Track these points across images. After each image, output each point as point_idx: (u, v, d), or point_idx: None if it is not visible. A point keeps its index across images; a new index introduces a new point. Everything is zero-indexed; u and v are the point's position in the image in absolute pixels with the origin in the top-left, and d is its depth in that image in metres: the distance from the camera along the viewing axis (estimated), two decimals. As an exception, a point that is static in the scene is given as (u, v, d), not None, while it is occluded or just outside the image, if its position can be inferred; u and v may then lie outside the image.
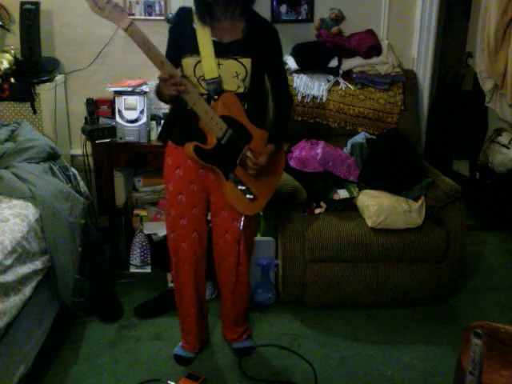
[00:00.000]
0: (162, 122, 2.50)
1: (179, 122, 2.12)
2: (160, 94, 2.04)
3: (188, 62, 2.02)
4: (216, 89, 2.00)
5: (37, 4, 2.98)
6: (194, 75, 2.02)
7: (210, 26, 2.01)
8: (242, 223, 2.20)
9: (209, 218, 2.32)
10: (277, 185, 2.30)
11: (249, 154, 2.10)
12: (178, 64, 2.02)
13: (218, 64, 1.99)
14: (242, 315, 2.47)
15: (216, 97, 2.00)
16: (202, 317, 2.42)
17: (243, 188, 2.14)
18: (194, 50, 2.00)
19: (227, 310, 2.45)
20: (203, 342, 2.48)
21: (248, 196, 2.16)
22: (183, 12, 2.09)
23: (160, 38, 2.14)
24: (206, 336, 2.51)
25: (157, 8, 3.20)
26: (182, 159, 2.14)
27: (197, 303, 2.36)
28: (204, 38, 2.00)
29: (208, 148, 2.04)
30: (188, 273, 2.29)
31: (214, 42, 2.00)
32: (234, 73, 2.01)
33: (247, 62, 2.01)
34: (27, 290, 2.09)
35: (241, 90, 2.04)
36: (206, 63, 1.99)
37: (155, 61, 1.88)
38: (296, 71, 3.18)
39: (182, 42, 2.05)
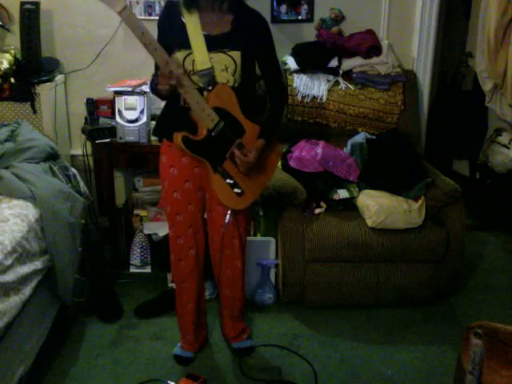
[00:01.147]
0: (157, 117, 2.50)
1: (171, 116, 2.11)
2: (156, 89, 2.02)
3: (176, 56, 2.01)
4: (209, 80, 1.99)
5: (37, 4, 2.97)
6: (184, 70, 2.01)
7: (199, 19, 2.00)
8: (228, 216, 2.20)
9: (205, 216, 2.32)
10: (268, 181, 2.29)
11: (237, 152, 2.09)
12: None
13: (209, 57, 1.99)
14: (239, 311, 2.46)
15: (210, 88, 2.00)
16: (199, 314, 2.42)
17: (231, 182, 2.13)
18: (183, 45, 1.99)
19: (225, 306, 2.44)
20: (202, 341, 2.48)
21: (235, 190, 2.15)
22: (171, 5, 2.08)
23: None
24: (204, 335, 2.51)
25: (157, 8, 3.20)
26: (176, 158, 2.14)
27: (194, 299, 2.36)
28: (194, 30, 1.99)
29: (197, 139, 2.04)
30: (185, 268, 2.30)
31: (204, 35, 1.99)
32: (224, 66, 2.01)
33: (236, 54, 2.01)
34: (27, 290, 2.09)
35: (230, 84, 2.04)
36: (198, 55, 1.98)
37: (148, 47, 1.87)
38: (296, 71, 3.18)
39: (170, 37, 2.03)
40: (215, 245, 2.32)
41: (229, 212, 2.20)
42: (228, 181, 2.13)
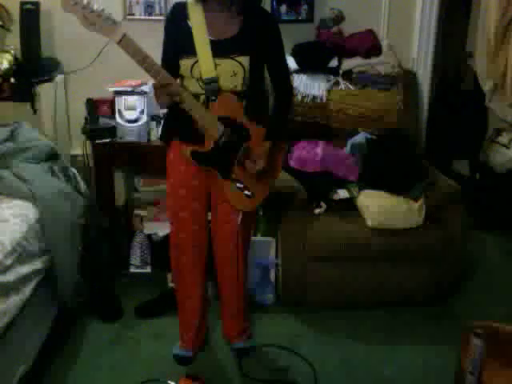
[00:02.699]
0: (162, 121, 2.53)
1: (180, 119, 2.11)
2: (158, 102, 2.03)
3: (185, 63, 2.01)
4: (214, 89, 1.99)
5: (37, 4, 2.97)
6: (192, 76, 2.02)
7: (206, 23, 1.99)
8: (239, 218, 2.21)
9: (209, 218, 2.33)
10: (275, 180, 2.30)
11: (247, 163, 2.10)
12: (176, 62, 2.02)
13: (215, 64, 1.98)
14: (240, 310, 2.46)
15: (214, 98, 2.00)
16: (201, 310, 2.41)
17: (241, 186, 2.15)
18: (190, 51, 1.98)
19: (226, 304, 2.44)
20: (202, 340, 2.48)
21: (246, 193, 2.16)
22: (178, 8, 2.06)
23: (160, 38, 2.14)
24: (203, 335, 2.50)
25: (157, 8, 3.20)
26: (184, 156, 2.14)
27: (196, 294, 2.36)
28: (200, 36, 1.98)
29: (205, 150, 2.05)
30: (187, 264, 2.30)
31: (210, 40, 1.98)
32: (232, 72, 2.00)
33: (245, 60, 2.00)
34: (27, 290, 2.08)
35: (239, 89, 2.03)
36: (203, 63, 1.98)
37: (150, 72, 1.88)
38: (296, 71, 3.18)
39: (176, 42, 2.03)
40: (218, 239, 2.32)
41: (240, 214, 2.20)
42: (238, 185, 2.14)
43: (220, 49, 1.99)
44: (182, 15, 2.03)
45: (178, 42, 2.04)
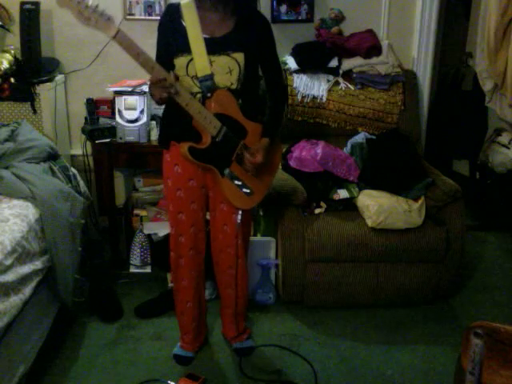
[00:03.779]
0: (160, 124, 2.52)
1: (176, 119, 2.11)
2: (153, 98, 2.03)
3: (180, 61, 2.01)
4: (209, 86, 1.99)
5: (37, 4, 2.98)
6: (187, 74, 2.01)
7: (200, 22, 1.99)
8: (239, 217, 2.21)
9: (207, 217, 2.33)
10: (273, 178, 2.31)
11: (246, 153, 2.10)
12: (170, 63, 2.02)
13: (210, 61, 1.99)
14: (241, 310, 2.46)
15: (209, 94, 2.00)
16: (200, 314, 2.42)
17: (239, 183, 2.15)
18: (185, 49, 1.99)
19: (227, 305, 2.44)
20: (201, 340, 2.48)
21: (244, 190, 2.16)
22: (171, 9, 2.07)
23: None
24: (204, 335, 2.50)
25: (157, 8, 3.20)
26: (180, 156, 2.13)
27: (194, 298, 2.36)
28: (194, 35, 1.98)
29: (203, 147, 2.05)
30: (185, 267, 2.30)
31: (204, 38, 1.98)
32: (227, 68, 2.00)
33: (240, 56, 2.01)
34: (27, 290, 2.09)
35: (234, 87, 2.04)
36: (198, 61, 1.98)
37: (145, 66, 1.88)
38: (296, 71, 3.18)
39: (172, 41, 2.04)
40: (218, 243, 2.32)
41: (240, 213, 2.21)
42: (236, 182, 2.14)
43: (215, 46, 1.99)
44: (175, 15, 2.03)
45: (172, 41, 2.04)
